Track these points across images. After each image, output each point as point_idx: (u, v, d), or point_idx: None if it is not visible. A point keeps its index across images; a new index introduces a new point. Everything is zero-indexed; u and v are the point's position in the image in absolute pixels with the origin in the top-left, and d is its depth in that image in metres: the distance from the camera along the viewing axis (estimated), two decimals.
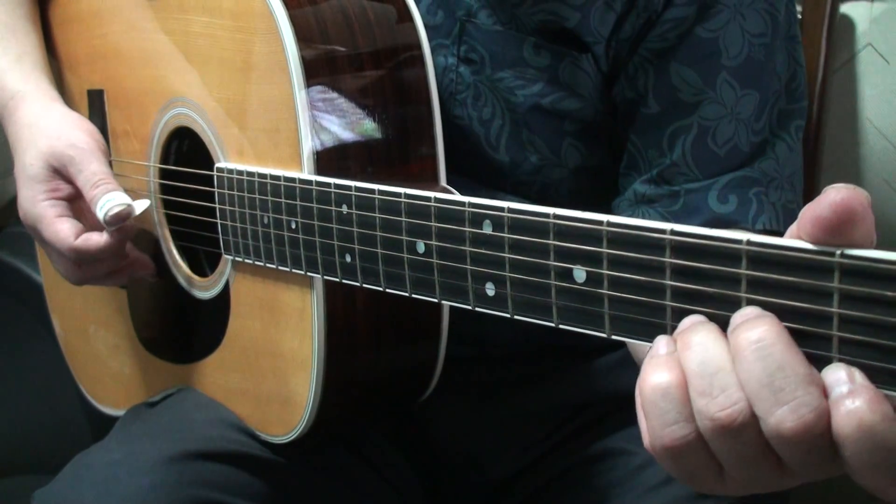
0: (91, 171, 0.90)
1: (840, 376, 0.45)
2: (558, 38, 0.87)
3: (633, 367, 1.00)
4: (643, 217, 0.86)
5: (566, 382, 1.00)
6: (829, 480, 0.48)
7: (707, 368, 0.48)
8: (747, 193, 0.84)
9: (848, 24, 1.18)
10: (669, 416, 0.49)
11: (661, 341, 0.51)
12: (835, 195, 0.44)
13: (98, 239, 0.89)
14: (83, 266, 0.92)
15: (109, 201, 0.88)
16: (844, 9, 1.17)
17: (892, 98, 0.93)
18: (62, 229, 0.90)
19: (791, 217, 0.84)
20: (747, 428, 0.47)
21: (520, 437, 1.00)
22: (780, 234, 0.79)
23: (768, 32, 0.85)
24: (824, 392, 0.45)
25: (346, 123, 0.80)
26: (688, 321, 0.50)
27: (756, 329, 0.46)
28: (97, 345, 1.14)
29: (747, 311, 0.48)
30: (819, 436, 0.45)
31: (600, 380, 1.00)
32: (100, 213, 0.88)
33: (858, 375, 0.45)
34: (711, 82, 0.84)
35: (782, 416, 0.45)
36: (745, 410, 0.47)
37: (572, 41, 0.87)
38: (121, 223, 0.88)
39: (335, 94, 0.79)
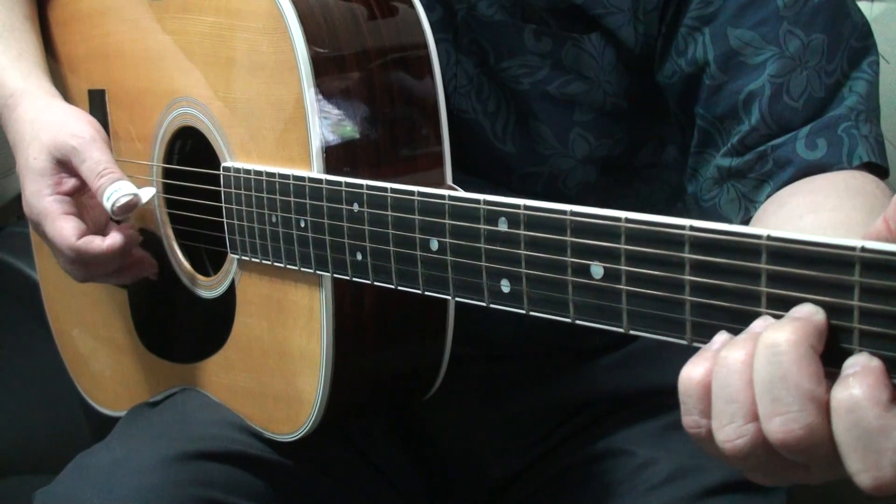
0: (94, 161, 0.90)
1: (856, 359, 0.46)
2: (566, 18, 0.86)
3: (633, 367, 1.01)
4: (727, 194, 0.83)
5: (566, 382, 1.00)
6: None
7: (723, 393, 0.49)
8: (835, 132, 0.80)
9: None
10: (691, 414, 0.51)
11: (720, 338, 0.51)
12: None
13: (100, 244, 0.89)
14: (86, 265, 0.92)
15: (116, 191, 0.88)
16: None
17: (892, 98, 0.94)
18: (65, 227, 0.90)
19: (885, 152, 0.80)
20: (754, 453, 0.48)
21: (520, 436, 1.00)
22: (880, 167, 0.75)
23: None
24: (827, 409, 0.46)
25: (354, 122, 0.80)
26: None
27: (775, 333, 0.47)
28: (96, 345, 1.13)
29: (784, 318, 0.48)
30: (812, 446, 0.46)
31: (600, 380, 1.00)
32: (107, 204, 0.88)
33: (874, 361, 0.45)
34: (773, 37, 0.81)
35: (772, 426, 0.46)
36: (745, 445, 0.48)
37: (579, 21, 0.86)
38: (128, 213, 0.88)
39: (344, 94, 0.80)
